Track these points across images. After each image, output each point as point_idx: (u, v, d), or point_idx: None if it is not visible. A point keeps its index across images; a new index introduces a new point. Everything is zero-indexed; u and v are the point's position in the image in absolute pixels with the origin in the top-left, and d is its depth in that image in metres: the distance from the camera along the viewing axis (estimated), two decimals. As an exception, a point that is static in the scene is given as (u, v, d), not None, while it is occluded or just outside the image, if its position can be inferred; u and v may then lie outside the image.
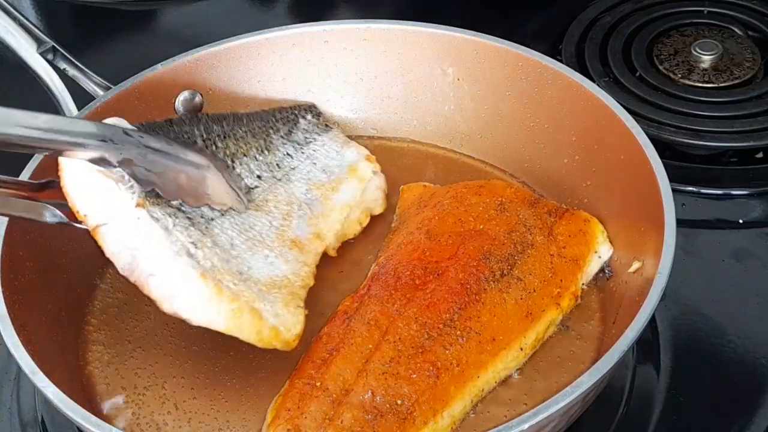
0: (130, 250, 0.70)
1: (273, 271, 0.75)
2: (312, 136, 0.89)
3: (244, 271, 0.73)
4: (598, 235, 0.80)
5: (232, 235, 0.75)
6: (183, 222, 0.72)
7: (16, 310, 0.70)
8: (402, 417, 0.67)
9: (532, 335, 0.74)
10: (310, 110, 0.93)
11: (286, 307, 0.73)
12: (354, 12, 1.23)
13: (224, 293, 0.69)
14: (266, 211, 0.80)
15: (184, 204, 0.74)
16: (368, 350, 0.70)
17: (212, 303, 0.69)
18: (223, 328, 0.69)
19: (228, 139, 0.83)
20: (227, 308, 0.69)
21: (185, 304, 0.69)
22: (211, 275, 0.70)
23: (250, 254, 0.75)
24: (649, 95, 1.01)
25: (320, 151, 0.88)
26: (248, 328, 0.70)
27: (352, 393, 0.68)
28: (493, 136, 0.93)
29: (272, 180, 0.83)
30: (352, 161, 0.88)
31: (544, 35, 1.13)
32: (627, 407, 0.76)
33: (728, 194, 0.93)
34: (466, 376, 0.70)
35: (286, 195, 0.82)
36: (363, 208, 0.87)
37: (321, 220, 0.82)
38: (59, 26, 1.27)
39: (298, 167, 0.86)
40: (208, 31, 1.08)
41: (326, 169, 0.87)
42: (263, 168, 0.83)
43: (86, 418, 0.62)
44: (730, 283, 0.85)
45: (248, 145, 0.84)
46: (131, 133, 0.72)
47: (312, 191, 0.84)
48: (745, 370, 0.78)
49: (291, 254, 0.78)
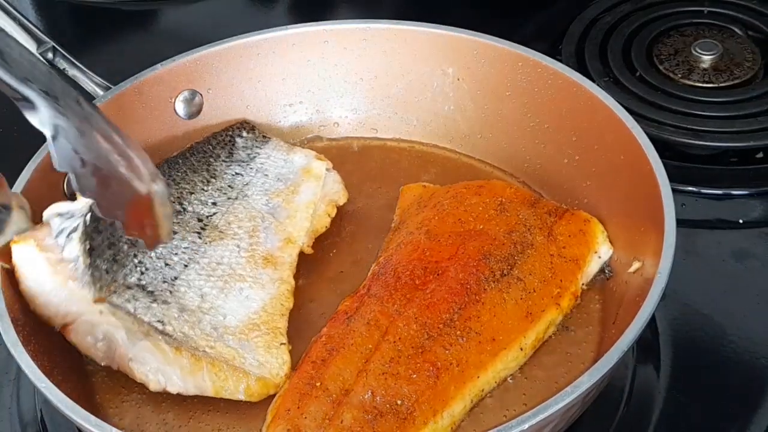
0: (103, 341, 0.72)
1: (249, 308, 0.75)
2: (254, 151, 0.88)
3: (218, 325, 0.73)
4: (598, 235, 0.80)
5: (201, 284, 0.75)
6: (144, 301, 0.73)
7: (16, 310, 0.70)
8: (402, 417, 0.67)
9: (532, 335, 0.74)
10: (244, 127, 0.91)
11: (267, 351, 0.73)
12: (354, 12, 1.23)
13: (202, 361, 0.71)
14: (231, 234, 0.80)
15: (143, 277, 0.74)
16: (368, 350, 0.70)
17: (193, 374, 0.71)
18: (212, 394, 0.71)
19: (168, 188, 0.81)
20: (209, 375, 0.71)
21: (169, 381, 0.71)
22: (185, 346, 0.71)
23: (223, 298, 0.75)
24: (649, 95, 1.01)
25: (268, 163, 0.88)
26: (235, 387, 0.71)
27: (352, 393, 0.68)
28: (493, 136, 0.93)
29: (228, 202, 0.82)
30: (304, 164, 0.88)
31: (544, 35, 1.13)
32: (627, 407, 0.76)
33: (728, 194, 0.93)
34: (466, 376, 0.70)
35: (246, 211, 0.82)
36: (327, 201, 0.86)
37: (288, 224, 0.82)
38: (59, 26, 1.27)
39: (251, 182, 0.85)
40: (208, 31, 1.08)
41: (280, 177, 0.86)
42: (215, 195, 0.83)
43: (86, 418, 0.62)
44: (730, 283, 0.85)
45: (191, 183, 0.83)
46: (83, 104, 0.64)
47: (272, 200, 0.84)
48: (745, 369, 0.78)
49: (265, 275, 0.78)
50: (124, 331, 0.71)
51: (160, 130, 0.91)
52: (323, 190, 0.86)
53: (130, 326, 0.71)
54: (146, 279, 0.74)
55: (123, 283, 0.73)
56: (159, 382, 0.71)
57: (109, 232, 0.73)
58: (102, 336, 0.72)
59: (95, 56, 1.12)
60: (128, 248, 0.75)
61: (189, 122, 0.92)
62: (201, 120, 0.93)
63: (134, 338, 0.71)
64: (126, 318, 0.72)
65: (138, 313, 0.72)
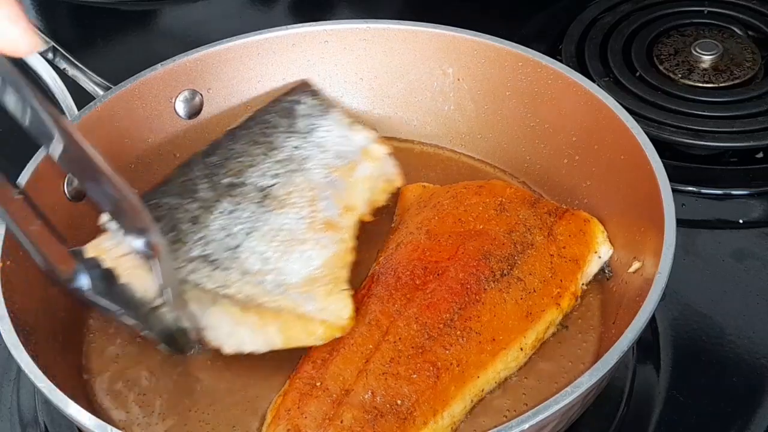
0: None
1: (310, 266, 0.75)
2: (314, 122, 0.88)
3: (281, 283, 0.74)
4: (598, 235, 0.80)
5: (263, 249, 0.76)
6: (205, 271, 0.74)
7: (16, 310, 0.70)
8: (402, 417, 0.67)
9: (532, 335, 0.74)
10: (305, 91, 0.91)
11: (328, 297, 0.73)
12: (354, 12, 1.23)
13: (267, 315, 0.72)
14: (291, 203, 0.80)
15: (206, 248, 0.75)
16: (368, 350, 0.70)
17: (262, 329, 0.72)
18: (282, 346, 0.72)
19: (229, 161, 0.83)
20: (275, 327, 0.71)
21: (241, 342, 0.73)
22: (251, 305, 0.72)
23: (284, 260, 0.75)
24: (649, 95, 1.01)
25: (327, 137, 0.87)
26: (301, 334, 0.72)
27: (352, 393, 0.68)
28: (493, 136, 0.93)
29: (287, 174, 0.83)
30: (363, 145, 0.88)
31: (544, 35, 1.13)
32: (627, 407, 0.76)
33: (728, 194, 0.93)
34: (467, 376, 0.70)
35: (306, 182, 0.82)
36: (384, 180, 0.87)
37: (348, 194, 0.83)
38: (59, 26, 1.27)
39: (309, 156, 0.85)
40: (208, 31, 1.08)
41: (339, 154, 0.86)
42: (275, 167, 0.84)
43: (86, 418, 0.62)
44: (730, 283, 0.85)
45: (251, 156, 0.84)
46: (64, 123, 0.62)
47: (331, 174, 0.84)
48: (745, 370, 0.78)
49: (326, 237, 0.78)
50: (192, 303, 0.73)
51: (160, 130, 0.90)
52: (381, 170, 0.87)
53: (198, 296, 0.73)
54: (208, 250, 0.75)
55: (185, 259, 0.74)
56: (235, 345, 0.73)
57: (168, 218, 0.76)
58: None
59: (95, 56, 1.12)
60: (188, 227, 0.76)
61: (189, 122, 0.92)
62: (201, 120, 0.93)
63: (204, 307, 0.73)
64: (192, 290, 0.73)
65: (200, 282, 0.73)
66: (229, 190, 0.81)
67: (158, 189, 0.82)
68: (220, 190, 0.80)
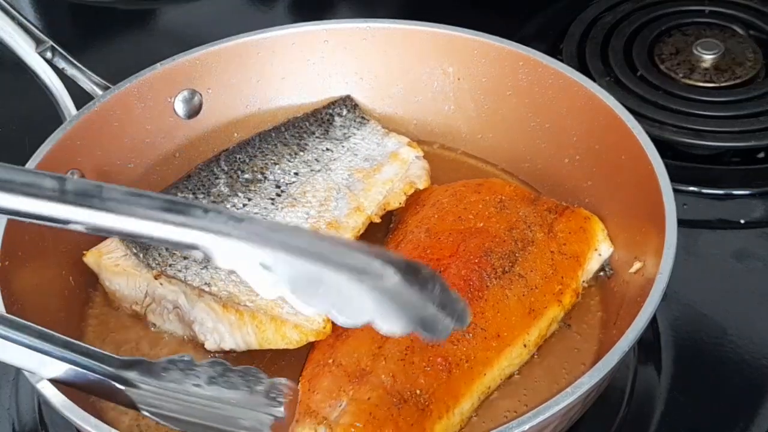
0: (172, 311, 0.77)
1: None
2: (350, 131, 0.90)
3: None
4: (598, 232, 0.80)
5: None
6: (195, 269, 0.76)
7: (15, 310, 0.70)
8: (421, 408, 0.67)
9: (535, 332, 0.74)
10: (345, 104, 0.93)
11: None
12: (354, 12, 1.23)
13: (245, 315, 0.72)
14: (303, 203, 0.81)
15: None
16: (379, 336, 0.69)
17: (239, 328, 0.73)
18: (258, 346, 0.73)
19: (254, 159, 0.85)
20: (252, 328, 0.72)
21: (222, 339, 0.74)
22: (230, 303, 0.73)
23: None
24: (650, 95, 1.01)
25: (361, 144, 0.89)
26: (274, 336, 0.72)
27: (372, 374, 0.67)
28: (494, 136, 0.93)
29: (310, 173, 0.84)
30: (394, 149, 0.89)
31: (544, 35, 1.13)
32: (628, 408, 0.75)
33: (729, 194, 0.93)
34: (475, 373, 0.70)
35: (325, 183, 0.83)
36: (407, 181, 0.86)
37: (361, 195, 0.83)
38: (58, 26, 1.27)
39: (339, 158, 0.87)
40: (208, 31, 1.08)
41: (368, 158, 0.88)
42: (300, 166, 0.85)
43: (85, 419, 0.62)
44: (731, 284, 0.84)
45: (278, 155, 0.86)
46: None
47: (354, 176, 0.85)
48: (746, 370, 0.78)
49: None
50: (183, 295, 0.75)
51: (159, 130, 0.90)
52: (406, 172, 0.87)
53: (186, 291, 0.75)
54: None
55: (179, 255, 0.76)
56: (215, 341, 0.74)
57: None
58: (171, 306, 0.76)
59: (95, 56, 1.12)
60: None
61: (189, 122, 0.92)
62: (201, 120, 0.92)
63: (192, 302, 0.74)
64: (181, 285, 0.75)
65: (188, 279, 0.75)
66: (247, 185, 0.82)
67: (178, 183, 0.84)
68: (237, 186, 0.82)
